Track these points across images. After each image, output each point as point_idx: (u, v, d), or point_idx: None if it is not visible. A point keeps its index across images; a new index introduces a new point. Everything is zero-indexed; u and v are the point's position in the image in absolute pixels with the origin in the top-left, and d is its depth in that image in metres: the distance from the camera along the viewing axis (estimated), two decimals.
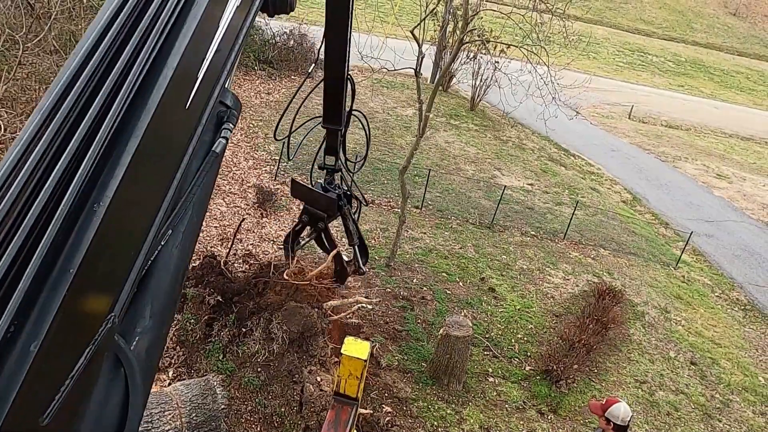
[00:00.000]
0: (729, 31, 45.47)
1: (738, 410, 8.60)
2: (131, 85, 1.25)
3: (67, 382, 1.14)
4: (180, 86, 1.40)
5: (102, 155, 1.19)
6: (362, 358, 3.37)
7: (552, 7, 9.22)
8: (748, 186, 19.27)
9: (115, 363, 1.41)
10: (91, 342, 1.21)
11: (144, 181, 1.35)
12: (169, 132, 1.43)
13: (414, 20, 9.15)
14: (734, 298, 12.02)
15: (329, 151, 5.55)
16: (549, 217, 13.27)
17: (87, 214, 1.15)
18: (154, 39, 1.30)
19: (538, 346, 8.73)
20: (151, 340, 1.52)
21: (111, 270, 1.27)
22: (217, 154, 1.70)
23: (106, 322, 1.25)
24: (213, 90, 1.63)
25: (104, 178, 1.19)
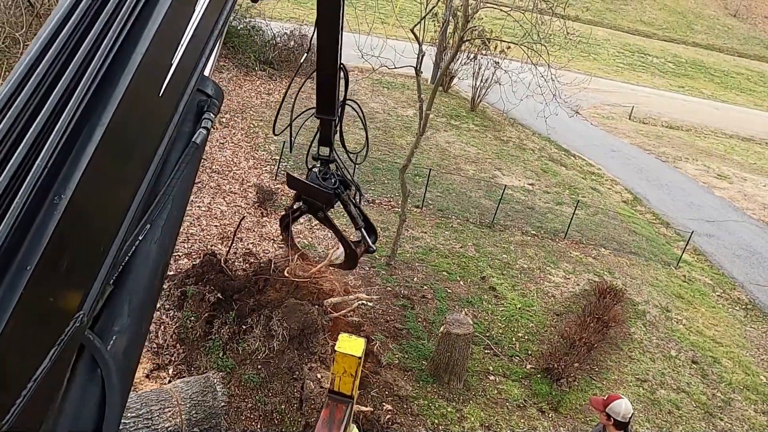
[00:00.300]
0: (729, 33, 45.49)
1: (739, 409, 8.58)
2: (95, 71, 1.17)
3: (30, 384, 1.07)
4: (151, 73, 1.32)
5: (64, 144, 1.11)
6: (356, 355, 3.34)
7: (552, 6, 9.22)
8: (749, 186, 19.26)
9: (91, 363, 1.35)
10: (56, 343, 1.14)
11: (114, 172, 1.27)
12: (141, 120, 1.35)
13: (414, 21, 9.15)
14: (735, 298, 12.00)
15: (323, 141, 5.48)
16: (550, 216, 13.26)
17: (47, 207, 1.07)
18: (121, 22, 1.23)
19: (539, 345, 8.72)
20: (130, 338, 1.46)
21: (77, 266, 1.19)
22: (197, 145, 1.61)
23: (74, 321, 1.18)
24: (190, 78, 1.55)
25: (67, 169, 1.11)
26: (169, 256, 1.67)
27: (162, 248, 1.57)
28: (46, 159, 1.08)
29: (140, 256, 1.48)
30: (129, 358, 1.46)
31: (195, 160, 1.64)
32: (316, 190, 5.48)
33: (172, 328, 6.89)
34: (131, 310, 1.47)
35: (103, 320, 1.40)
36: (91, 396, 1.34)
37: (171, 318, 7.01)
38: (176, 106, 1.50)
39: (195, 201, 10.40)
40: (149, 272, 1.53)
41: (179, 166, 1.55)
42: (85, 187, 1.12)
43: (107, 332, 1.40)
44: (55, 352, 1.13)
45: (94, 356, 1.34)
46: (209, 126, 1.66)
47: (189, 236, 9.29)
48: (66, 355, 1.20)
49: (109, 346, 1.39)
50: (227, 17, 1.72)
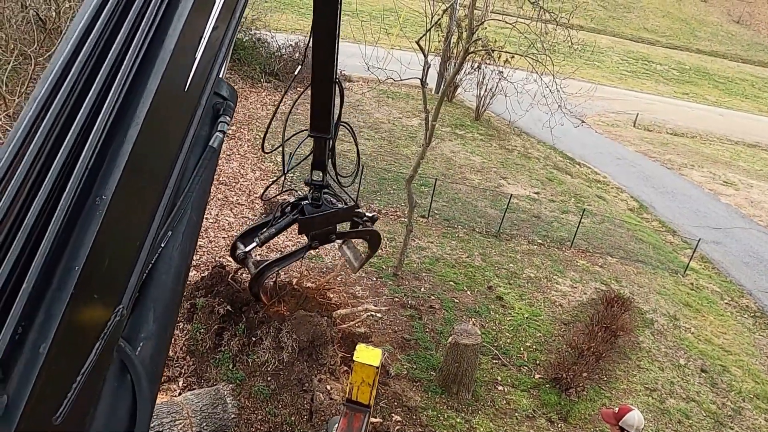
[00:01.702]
0: (733, 39, 45.51)
1: (750, 418, 8.53)
2: (128, 68, 1.17)
3: (79, 378, 1.12)
4: (179, 66, 1.32)
5: (102, 145, 1.12)
6: (374, 365, 3.37)
7: (556, 17, 9.29)
8: (756, 193, 19.20)
9: (121, 369, 1.38)
10: (100, 336, 1.18)
11: (146, 170, 1.29)
12: (170, 116, 1.36)
13: (418, 32, 9.23)
14: (744, 305, 11.96)
15: (317, 164, 5.21)
16: (555, 225, 13.27)
17: (89, 208, 1.10)
18: (150, 17, 1.23)
19: (547, 354, 8.71)
20: (156, 344, 1.48)
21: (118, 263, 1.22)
22: (214, 149, 1.61)
23: (115, 314, 1.22)
24: (211, 71, 1.55)
25: (105, 169, 1.13)
26: (190, 262, 1.68)
27: (183, 254, 1.58)
28: (87, 160, 1.10)
29: (163, 263, 1.50)
30: (156, 364, 1.48)
31: (212, 164, 1.64)
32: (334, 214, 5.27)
33: (182, 340, 6.92)
34: (156, 316, 1.48)
35: (130, 327, 1.42)
36: (122, 401, 1.36)
37: (181, 330, 7.04)
38: (199, 101, 1.50)
39: None
40: (172, 278, 1.54)
41: (197, 170, 1.55)
42: (124, 185, 1.14)
43: (134, 339, 1.42)
44: (101, 346, 1.16)
45: (124, 362, 1.36)
46: (225, 129, 1.66)
47: (197, 248, 9.35)
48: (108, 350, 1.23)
49: (137, 351, 1.41)
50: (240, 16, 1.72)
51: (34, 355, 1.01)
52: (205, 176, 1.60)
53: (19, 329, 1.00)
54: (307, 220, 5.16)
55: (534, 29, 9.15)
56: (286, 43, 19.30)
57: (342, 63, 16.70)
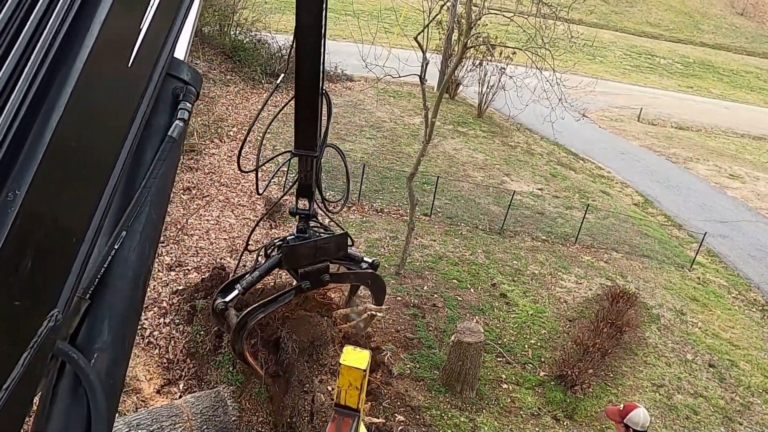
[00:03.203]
0: (737, 31, 45.17)
1: (759, 413, 8.41)
2: (51, 36, 1.02)
3: (2, 394, 1.00)
4: (117, 36, 1.16)
5: (15, 133, 0.98)
6: (361, 367, 3.29)
7: (556, 11, 9.20)
8: (762, 185, 19.02)
9: (74, 382, 1.27)
10: (29, 346, 1.05)
11: (78, 160, 1.13)
12: (109, 95, 1.19)
13: (418, 29, 9.17)
14: (751, 299, 11.82)
15: (303, 191, 4.78)
16: (560, 221, 13.16)
17: (1, 206, 0.96)
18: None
19: (552, 352, 8.62)
20: (112, 356, 1.35)
21: (43, 266, 1.08)
22: (174, 139, 1.44)
23: (49, 319, 1.09)
24: (162, 47, 1.37)
25: (22, 161, 0.98)
26: (151, 265, 1.52)
27: (142, 256, 1.43)
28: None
29: (118, 266, 1.35)
30: (113, 376, 1.36)
31: (173, 156, 1.47)
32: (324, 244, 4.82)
33: (182, 342, 6.88)
34: (111, 326, 1.35)
35: (83, 337, 1.30)
36: (76, 418, 1.27)
37: (181, 333, 7.01)
38: (148, 81, 1.33)
39: (204, 215, 10.44)
40: (129, 283, 1.40)
41: (155, 163, 1.40)
42: (44, 179, 1.00)
43: (88, 350, 1.30)
44: (29, 356, 1.05)
45: (78, 374, 1.26)
46: (186, 117, 1.48)
47: (198, 250, 9.31)
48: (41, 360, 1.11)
49: (92, 363, 1.30)
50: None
51: None
52: (165, 169, 1.44)
53: None
54: (291, 251, 4.68)
55: (533, 23, 9.06)
56: (287, 44, 19.27)
57: (343, 62, 16.85)
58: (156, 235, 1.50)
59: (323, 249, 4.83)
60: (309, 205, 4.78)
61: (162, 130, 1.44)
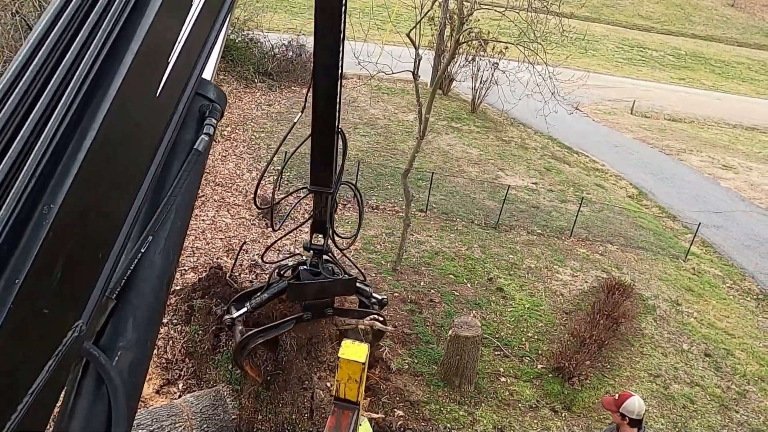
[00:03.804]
0: (728, 23, 45.32)
1: (755, 400, 8.49)
2: (85, 70, 1.11)
3: (26, 399, 1.05)
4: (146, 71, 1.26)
5: (53, 151, 1.06)
6: (360, 361, 3.32)
7: (547, 5, 9.22)
8: (755, 175, 19.13)
9: (97, 381, 1.32)
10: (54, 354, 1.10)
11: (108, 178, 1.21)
12: (137, 122, 1.29)
13: (411, 26, 9.17)
14: (746, 288, 11.90)
15: (317, 226, 4.84)
16: (555, 215, 13.22)
17: (36, 218, 1.03)
18: (113, 18, 1.17)
19: (549, 344, 8.67)
20: (135, 355, 1.41)
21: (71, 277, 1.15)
22: (199, 152, 1.54)
23: (73, 330, 1.15)
24: (190, 77, 1.48)
25: (57, 177, 1.06)
26: (174, 269, 1.61)
27: (166, 261, 1.52)
28: (33, 167, 1.03)
29: (144, 269, 1.44)
30: (135, 375, 1.42)
31: (198, 168, 1.58)
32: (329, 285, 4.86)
33: (180, 342, 6.90)
34: (136, 325, 1.42)
35: (107, 336, 1.37)
36: (97, 414, 1.31)
37: (179, 332, 7.02)
38: (175, 108, 1.43)
39: (199, 214, 10.43)
40: (153, 286, 1.48)
41: (181, 174, 1.49)
42: (76, 194, 1.08)
43: (112, 349, 1.37)
44: (53, 364, 1.10)
45: (100, 373, 1.31)
46: (212, 132, 1.59)
47: (194, 250, 9.32)
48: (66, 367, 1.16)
49: (114, 362, 1.35)
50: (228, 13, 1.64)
51: None
52: (190, 180, 1.54)
53: None
54: (298, 287, 4.76)
55: (525, 18, 9.09)
56: (279, 43, 19.26)
57: None
58: (180, 242, 1.59)
59: (329, 289, 4.91)
60: (324, 241, 4.83)
61: (189, 143, 1.54)
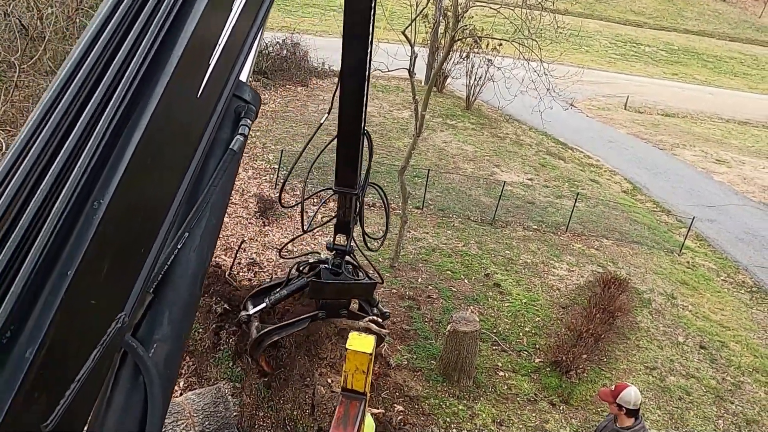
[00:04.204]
0: (720, 17, 45.54)
1: (750, 391, 8.59)
2: (133, 72, 1.17)
3: (73, 385, 1.10)
4: (189, 73, 1.31)
5: (102, 149, 1.11)
6: (367, 352, 3.38)
7: (541, 1, 9.28)
8: (748, 169, 19.27)
9: (134, 371, 1.37)
10: (99, 343, 1.15)
11: (152, 175, 1.27)
12: (179, 122, 1.34)
13: (405, 23, 9.21)
14: (740, 281, 12.02)
15: (341, 227, 4.83)
16: (550, 210, 13.29)
17: (87, 212, 1.08)
18: (159, 22, 1.23)
19: (546, 338, 8.75)
20: (170, 347, 1.47)
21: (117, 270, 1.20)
22: (234, 152, 1.60)
23: (116, 321, 1.20)
24: (228, 79, 1.54)
25: (106, 174, 1.11)
26: (208, 265, 1.66)
27: (200, 257, 1.57)
28: (85, 164, 1.09)
29: (179, 265, 1.49)
30: (169, 367, 1.47)
31: (233, 167, 1.63)
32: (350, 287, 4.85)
33: None
34: (171, 319, 1.47)
35: (144, 328, 1.42)
36: (134, 403, 1.37)
37: None
38: (214, 108, 1.49)
39: None
40: (188, 281, 1.53)
41: (217, 173, 1.55)
42: (124, 191, 1.13)
43: (148, 341, 1.42)
44: (98, 353, 1.15)
45: (137, 363, 1.37)
46: (246, 132, 1.65)
47: None
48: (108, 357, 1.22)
49: (150, 354, 1.41)
50: (264, 18, 1.70)
51: (20, 360, 0.99)
52: (225, 179, 1.60)
53: (8, 333, 0.98)
54: (320, 285, 4.75)
55: (519, 15, 9.14)
56: (273, 41, 19.25)
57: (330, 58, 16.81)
58: (214, 239, 1.65)
59: (349, 291, 4.91)
60: (347, 242, 4.78)
61: (224, 143, 1.60)
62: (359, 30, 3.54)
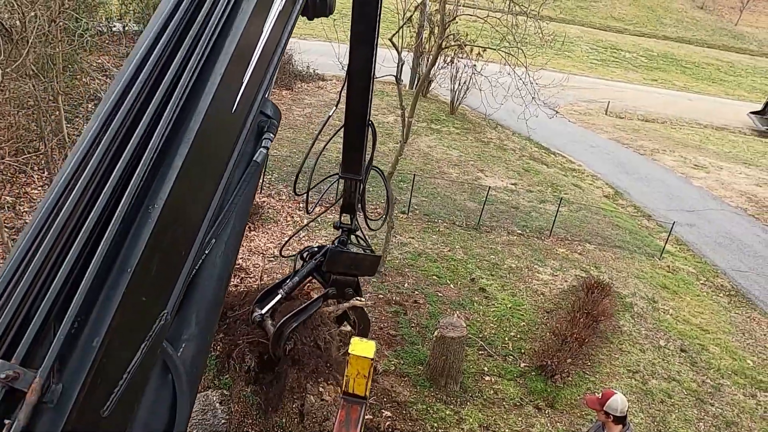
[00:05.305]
0: (697, 25, 46.44)
1: (729, 394, 8.78)
2: (183, 89, 1.28)
3: (125, 375, 1.19)
4: (228, 89, 1.42)
5: (156, 158, 1.23)
6: (369, 356, 3.43)
7: (527, 9, 9.40)
8: (725, 174, 19.67)
9: (163, 369, 1.45)
10: (146, 337, 1.25)
11: (194, 183, 1.38)
12: (217, 135, 1.46)
13: (391, 29, 9.27)
14: (719, 285, 12.27)
15: (346, 207, 5.17)
16: (534, 215, 13.44)
17: (142, 215, 1.19)
18: (204, 44, 1.34)
19: (532, 343, 8.84)
20: (197, 347, 1.56)
21: (164, 269, 1.31)
22: (258, 164, 1.74)
23: (160, 318, 1.30)
24: (257, 93, 1.66)
25: (158, 181, 1.23)
26: (232, 269, 1.77)
27: (226, 261, 1.68)
28: (143, 171, 1.20)
29: (206, 268, 1.59)
30: (196, 366, 1.56)
31: (255, 178, 1.77)
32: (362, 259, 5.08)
33: None
34: (198, 319, 1.56)
35: (173, 328, 1.49)
36: (163, 399, 1.44)
37: None
38: (245, 121, 1.61)
39: None
40: (214, 284, 1.63)
41: (242, 183, 1.67)
42: (174, 196, 1.24)
43: (177, 340, 1.50)
44: (146, 347, 1.24)
45: (166, 362, 1.43)
46: (269, 145, 1.79)
47: None
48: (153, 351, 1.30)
49: (179, 352, 1.48)
50: (287, 39, 1.82)
51: (88, 348, 1.08)
52: (249, 189, 1.72)
53: (76, 323, 1.06)
54: (336, 253, 5.01)
55: (505, 22, 9.25)
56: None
57: (315, 61, 16.81)
58: (237, 245, 1.78)
59: (359, 263, 5.12)
60: (351, 221, 5.11)
61: (248, 156, 1.74)
62: (366, 36, 3.80)
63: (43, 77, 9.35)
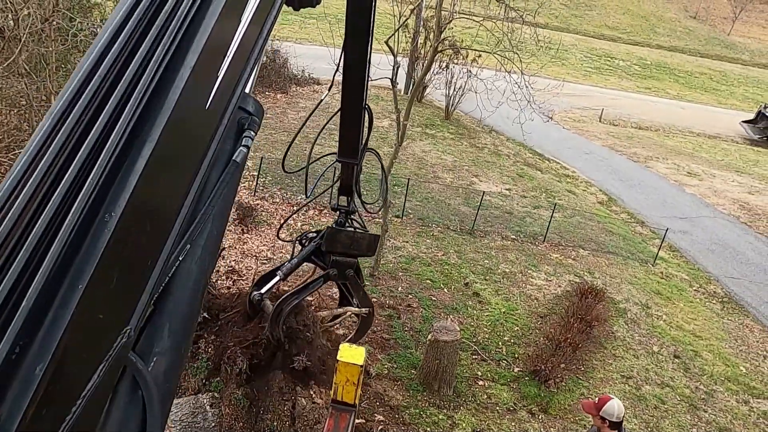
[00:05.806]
0: (690, 34, 46.83)
1: (722, 400, 8.77)
2: (147, 84, 1.16)
3: (80, 401, 1.07)
4: (200, 84, 1.31)
5: (114, 161, 1.10)
6: (358, 363, 3.36)
7: (522, 15, 9.42)
8: (718, 182, 19.78)
9: (132, 385, 1.33)
10: (105, 358, 1.13)
11: (162, 186, 1.26)
12: (189, 133, 1.34)
13: (387, 33, 9.26)
14: (712, 291, 12.29)
15: (344, 190, 5.21)
16: (528, 220, 13.44)
17: (98, 224, 1.06)
18: (172, 34, 1.22)
19: (525, 348, 8.81)
20: (170, 360, 1.43)
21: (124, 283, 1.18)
22: (237, 163, 1.59)
23: (122, 335, 1.18)
24: (234, 90, 1.54)
25: (117, 185, 1.10)
26: (209, 276, 1.63)
27: (202, 268, 1.55)
28: (97, 176, 1.07)
29: (180, 277, 1.45)
30: (169, 380, 1.44)
31: (235, 179, 1.62)
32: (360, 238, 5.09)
33: None
34: (171, 331, 1.44)
35: (144, 341, 1.38)
36: (132, 417, 1.32)
37: None
38: (221, 119, 1.48)
39: None
40: (189, 292, 1.50)
41: (219, 185, 1.53)
42: (134, 203, 1.11)
43: (147, 354, 1.38)
44: (104, 367, 1.12)
45: (136, 377, 1.33)
46: (249, 144, 1.64)
47: None
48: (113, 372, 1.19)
49: (150, 367, 1.37)
50: (269, 32, 1.70)
51: (29, 376, 0.96)
52: (228, 190, 1.58)
53: (17, 348, 0.95)
54: (335, 232, 5.01)
55: (501, 27, 9.26)
56: (268, 50, 19.17)
57: (310, 66, 16.81)
58: (215, 250, 1.62)
59: (358, 242, 5.11)
60: (348, 203, 5.16)
61: (227, 154, 1.59)
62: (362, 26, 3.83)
63: (35, 76, 9.27)
